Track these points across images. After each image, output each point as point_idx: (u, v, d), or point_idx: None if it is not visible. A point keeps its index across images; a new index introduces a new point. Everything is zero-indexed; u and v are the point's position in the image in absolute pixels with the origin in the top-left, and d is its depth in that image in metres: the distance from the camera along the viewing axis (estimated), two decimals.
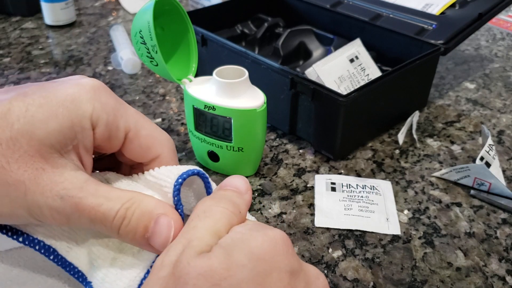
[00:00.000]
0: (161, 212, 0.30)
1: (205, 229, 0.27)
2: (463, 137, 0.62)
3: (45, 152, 0.27)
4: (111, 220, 0.29)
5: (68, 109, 0.28)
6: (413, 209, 0.50)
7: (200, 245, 0.26)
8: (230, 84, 0.48)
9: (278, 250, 0.26)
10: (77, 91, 0.29)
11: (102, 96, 0.30)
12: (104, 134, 0.30)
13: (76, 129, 0.29)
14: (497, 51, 0.86)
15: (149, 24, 0.44)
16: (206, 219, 0.28)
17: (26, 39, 0.87)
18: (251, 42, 0.76)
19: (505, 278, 0.42)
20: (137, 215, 0.29)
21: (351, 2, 0.77)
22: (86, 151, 0.30)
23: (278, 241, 0.27)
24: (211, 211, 0.28)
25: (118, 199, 0.29)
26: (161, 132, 0.34)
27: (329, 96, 0.52)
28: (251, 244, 0.26)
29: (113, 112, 0.31)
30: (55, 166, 0.28)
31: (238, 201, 0.30)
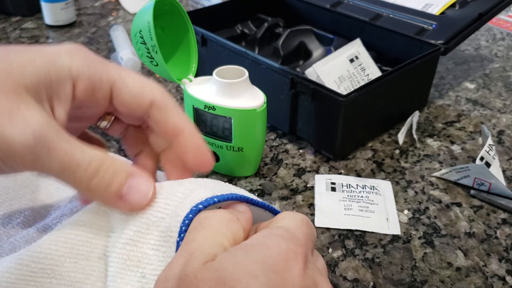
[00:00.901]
0: (136, 172, 0.29)
1: (205, 239, 0.26)
2: (463, 137, 0.62)
3: (20, 93, 0.27)
4: (84, 169, 0.27)
5: (45, 60, 0.28)
6: (413, 209, 0.50)
7: (203, 255, 0.25)
8: (230, 84, 0.48)
9: (291, 265, 0.25)
10: (58, 47, 0.29)
11: (81, 53, 0.30)
12: (86, 86, 0.30)
13: (52, 78, 0.28)
14: (497, 51, 0.86)
15: (149, 24, 0.44)
16: (203, 230, 0.27)
17: (26, 39, 0.87)
18: (251, 42, 0.76)
19: (505, 278, 0.43)
20: (113, 170, 0.28)
21: (351, 2, 0.77)
22: (60, 103, 0.29)
23: (291, 255, 0.25)
24: (207, 222, 0.28)
25: (92, 152, 0.28)
26: (148, 79, 0.33)
27: (329, 96, 0.52)
28: (263, 252, 0.25)
29: (94, 65, 0.30)
30: (30, 107, 0.27)
31: (235, 213, 0.29)
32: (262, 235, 0.26)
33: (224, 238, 0.27)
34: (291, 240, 0.26)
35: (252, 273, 0.24)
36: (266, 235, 0.27)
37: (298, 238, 0.27)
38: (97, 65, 0.30)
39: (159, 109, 0.32)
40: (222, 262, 0.24)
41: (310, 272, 0.26)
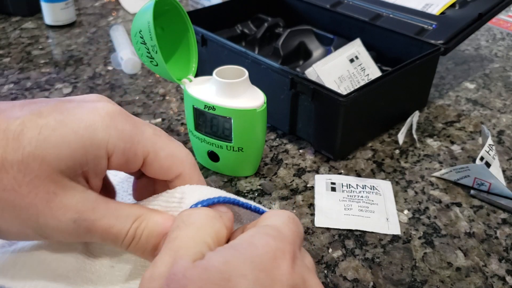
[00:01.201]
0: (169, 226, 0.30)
1: (189, 237, 0.27)
2: (463, 137, 0.62)
3: (56, 176, 0.27)
4: (122, 240, 0.29)
5: (82, 137, 0.28)
6: (413, 209, 0.50)
7: (190, 253, 0.25)
8: (230, 84, 0.48)
9: (279, 263, 0.25)
10: (92, 117, 0.29)
11: (118, 123, 0.30)
12: (120, 160, 0.30)
13: (89, 157, 0.28)
14: (497, 51, 0.86)
15: (149, 24, 0.44)
16: (186, 228, 0.27)
17: (26, 39, 0.87)
18: (251, 42, 0.76)
19: (505, 278, 0.42)
20: (146, 235, 0.30)
21: (351, 2, 0.77)
22: (95, 176, 0.30)
23: (279, 253, 0.26)
24: (189, 219, 0.28)
25: (127, 218, 0.30)
26: (180, 150, 0.33)
27: (329, 96, 0.52)
28: (251, 252, 0.25)
29: (130, 139, 0.30)
30: (66, 189, 0.28)
31: (217, 212, 0.30)
32: (250, 235, 0.27)
33: (207, 235, 0.27)
34: (279, 238, 0.27)
35: (241, 273, 0.24)
36: (254, 234, 0.27)
37: (286, 235, 0.27)
38: (133, 137, 0.30)
39: (183, 182, 0.33)
40: (211, 261, 0.24)
41: (299, 269, 0.26)
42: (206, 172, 0.54)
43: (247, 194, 0.51)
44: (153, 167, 0.32)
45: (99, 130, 0.29)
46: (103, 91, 0.70)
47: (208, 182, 0.53)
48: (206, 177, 0.53)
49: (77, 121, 0.28)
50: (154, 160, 0.32)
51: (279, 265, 0.25)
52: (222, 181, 0.53)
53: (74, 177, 0.28)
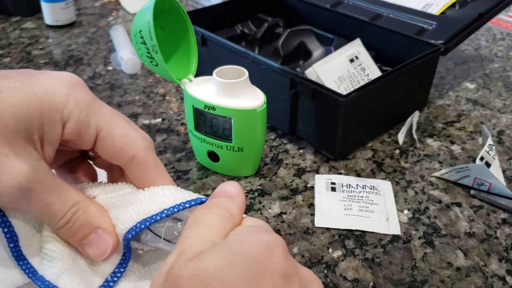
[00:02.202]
0: (101, 225, 0.32)
1: (198, 237, 0.27)
2: (463, 137, 0.62)
3: (11, 136, 0.28)
4: (57, 220, 0.30)
5: (40, 99, 0.29)
6: (413, 209, 0.50)
7: (193, 251, 0.26)
8: (230, 84, 0.48)
9: (273, 254, 0.26)
10: (53, 82, 0.30)
11: (77, 92, 0.31)
12: (74, 130, 0.31)
13: (45, 120, 0.29)
14: (497, 51, 0.86)
15: (149, 24, 0.44)
16: (198, 228, 0.28)
17: (26, 39, 0.87)
18: (251, 42, 0.76)
19: (505, 278, 0.42)
20: (80, 222, 0.31)
21: (351, 2, 0.77)
22: (50, 143, 0.30)
23: (272, 245, 0.27)
24: (202, 219, 0.29)
25: (67, 200, 0.30)
26: (135, 132, 0.33)
27: (329, 96, 0.52)
28: (244, 245, 0.26)
29: (86, 109, 0.31)
30: (19, 153, 0.28)
31: (229, 205, 0.30)
32: (244, 231, 0.28)
33: (218, 235, 0.28)
34: (271, 231, 0.29)
35: (232, 263, 0.25)
36: (247, 231, 0.28)
37: (271, 229, 0.30)
38: (89, 108, 0.31)
39: (137, 165, 0.33)
40: (206, 255, 0.25)
41: (291, 259, 0.27)
42: (206, 172, 0.54)
43: (247, 194, 0.51)
44: (106, 144, 0.32)
45: (57, 95, 0.30)
46: (103, 91, 0.70)
47: (208, 182, 0.53)
48: (206, 177, 0.53)
49: (38, 85, 0.29)
50: (107, 137, 0.32)
51: (273, 254, 0.26)
52: (222, 181, 0.53)
53: (30, 141, 0.29)
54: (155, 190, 0.33)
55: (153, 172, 0.34)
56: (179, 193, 0.33)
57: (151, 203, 0.32)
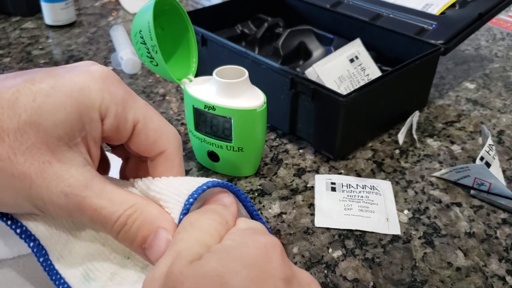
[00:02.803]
0: (162, 225, 0.29)
1: (193, 239, 0.27)
2: (463, 137, 0.62)
3: (53, 144, 0.27)
4: (112, 224, 0.29)
5: (76, 100, 0.28)
6: (413, 209, 0.50)
7: (190, 254, 0.26)
8: (230, 84, 0.48)
9: (270, 257, 0.26)
10: (85, 80, 0.29)
11: (111, 86, 0.30)
12: (113, 125, 0.30)
13: (85, 120, 0.28)
14: (497, 51, 0.86)
15: (149, 24, 0.44)
16: (193, 231, 0.28)
17: (26, 39, 0.87)
18: (251, 42, 0.76)
19: (505, 278, 0.42)
20: (138, 224, 0.29)
21: (351, 2, 0.77)
22: (94, 143, 0.29)
23: (269, 248, 0.26)
24: (197, 222, 0.28)
25: (121, 204, 0.29)
26: (169, 127, 0.33)
27: (329, 96, 0.52)
28: (243, 250, 0.26)
29: (122, 103, 0.30)
30: (62, 160, 0.27)
31: (224, 213, 0.30)
32: (240, 235, 0.28)
33: (212, 239, 0.27)
34: (266, 233, 0.28)
35: (234, 270, 0.24)
36: (243, 234, 0.28)
37: (266, 231, 0.29)
38: (125, 102, 0.30)
39: (165, 160, 0.33)
40: (206, 260, 0.25)
41: (288, 261, 0.27)
42: (206, 172, 0.54)
43: (247, 194, 0.51)
44: (140, 138, 0.32)
45: (92, 92, 0.28)
46: None
47: None
48: (206, 177, 0.53)
49: (70, 85, 0.28)
50: (142, 130, 0.31)
51: (271, 259, 0.26)
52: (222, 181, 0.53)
53: (74, 146, 0.28)
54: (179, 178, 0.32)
55: (176, 170, 0.34)
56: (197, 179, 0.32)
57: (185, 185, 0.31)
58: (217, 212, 0.30)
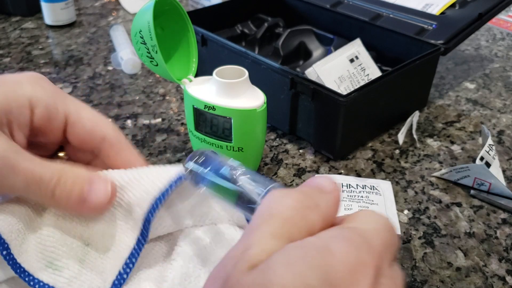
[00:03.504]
0: (96, 174, 0.31)
1: (269, 232, 0.22)
2: (463, 137, 0.62)
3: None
4: (47, 184, 0.29)
5: (7, 87, 0.31)
6: (413, 209, 0.50)
7: (257, 254, 0.21)
8: (230, 84, 0.48)
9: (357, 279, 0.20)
10: (20, 76, 0.32)
11: (43, 83, 0.32)
12: (43, 114, 0.32)
13: (12, 104, 0.30)
14: (497, 51, 0.86)
15: (149, 24, 0.44)
16: (271, 219, 0.22)
17: (26, 39, 0.87)
18: (251, 42, 0.76)
19: (505, 278, 0.43)
20: (72, 178, 0.30)
21: (351, 2, 0.77)
22: (19, 129, 0.31)
23: (360, 268, 0.20)
24: (278, 207, 0.23)
25: (52, 166, 0.30)
26: (102, 116, 0.34)
27: (329, 96, 0.52)
28: (323, 259, 0.20)
29: (53, 95, 0.32)
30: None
31: (316, 196, 0.24)
32: (330, 235, 0.22)
33: (295, 229, 0.22)
34: (365, 249, 0.21)
35: (305, 281, 0.19)
36: (334, 236, 0.22)
37: (374, 246, 0.22)
38: (56, 95, 0.33)
39: (110, 145, 0.34)
40: (272, 262, 0.20)
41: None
42: None
43: None
44: (76, 128, 0.33)
45: (24, 84, 0.31)
46: (103, 91, 0.70)
47: None
48: None
49: (4, 78, 0.31)
50: (76, 121, 0.33)
51: (357, 281, 0.20)
52: None
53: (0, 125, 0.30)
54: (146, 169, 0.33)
55: (127, 151, 0.34)
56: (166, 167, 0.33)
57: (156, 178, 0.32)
58: (306, 194, 0.24)
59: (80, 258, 0.32)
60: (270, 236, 0.22)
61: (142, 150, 0.57)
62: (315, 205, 0.23)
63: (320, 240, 0.21)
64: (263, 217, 0.23)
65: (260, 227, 0.22)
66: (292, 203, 0.23)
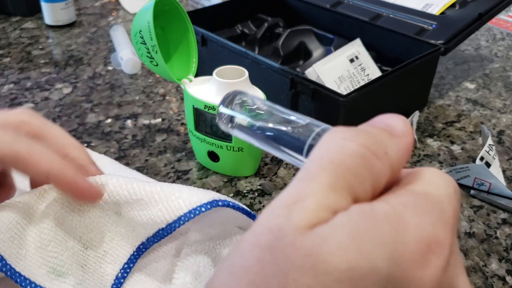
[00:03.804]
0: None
1: (328, 182, 0.18)
2: (463, 137, 0.62)
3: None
4: None
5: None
6: None
7: (316, 209, 0.17)
8: (230, 84, 0.48)
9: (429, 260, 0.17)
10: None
11: None
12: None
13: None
14: (497, 51, 0.86)
15: (149, 24, 0.44)
16: (331, 167, 0.18)
17: (26, 39, 0.87)
18: (251, 42, 0.76)
19: (505, 278, 0.42)
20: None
21: (351, 2, 0.77)
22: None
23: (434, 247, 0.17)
24: (339, 152, 0.19)
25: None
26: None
27: (329, 96, 0.52)
28: (397, 235, 0.17)
29: None
30: None
31: (385, 140, 0.20)
32: (403, 204, 0.18)
33: (359, 182, 0.18)
34: (440, 222, 0.18)
35: (372, 262, 0.16)
36: (409, 204, 0.18)
37: (449, 218, 0.19)
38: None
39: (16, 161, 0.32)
40: (336, 230, 0.17)
41: (451, 271, 0.18)
42: (206, 172, 0.54)
43: (247, 194, 0.51)
44: None
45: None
46: (103, 91, 0.70)
47: (208, 182, 0.53)
48: (206, 177, 0.53)
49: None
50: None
51: (429, 262, 0.17)
52: (222, 181, 0.53)
53: None
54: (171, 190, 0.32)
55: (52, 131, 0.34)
56: (194, 194, 0.32)
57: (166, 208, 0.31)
58: (373, 137, 0.20)
59: (82, 263, 0.32)
60: (329, 188, 0.18)
61: (142, 150, 0.57)
62: (384, 152, 0.19)
63: (392, 210, 0.18)
64: (322, 164, 0.19)
65: (318, 176, 0.18)
66: (357, 148, 0.19)
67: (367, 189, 0.19)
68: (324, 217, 0.17)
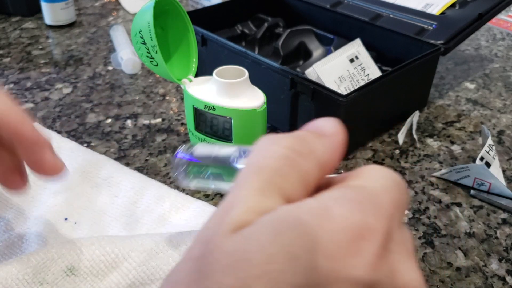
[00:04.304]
0: None
1: (256, 187, 0.18)
2: (463, 137, 0.62)
3: None
4: None
5: None
6: (413, 209, 0.50)
7: (242, 213, 0.18)
8: (230, 84, 0.48)
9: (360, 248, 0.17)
10: None
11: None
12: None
13: None
14: (497, 51, 0.86)
15: (149, 24, 0.44)
16: (258, 172, 0.19)
17: (26, 39, 0.87)
18: (251, 42, 0.76)
19: (505, 278, 0.43)
20: None
21: (351, 2, 0.77)
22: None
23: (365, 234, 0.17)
24: (265, 157, 0.19)
25: None
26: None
27: (329, 96, 0.52)
28: (322, 225, 0.17)
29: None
30: None
31: (311, 141, 0.20)
32: (331, 197, 0.18)
33: (287, 182, 0.19)
34: (371, 210, 0.18)
35: (290, 251, 0.16)
36: (336, 197, 0.18)
37: (383, 207, 0.19)
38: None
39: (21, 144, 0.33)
40: (258, 227, 0.17)
41: (391, 258, 0.18)
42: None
43: None
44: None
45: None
46: (103, 91, 0.70)
47: None
48: None
49: None
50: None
51: (359, 251, 0.17)
52: None
53: None
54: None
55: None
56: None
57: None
58: (298, 138, 0.20)
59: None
60: (257, 192, 0.18)
61: (142, 150, 0.57)
62: (309, 151, 0.20)
63: (317, 203, 0.18)
64: (249, 171, 0.19)
65: (246, 183, 0.19)
66: (281, 150, 0.19)
67: (297, 188, 0.19)
68: (251, 219, 0.18)
